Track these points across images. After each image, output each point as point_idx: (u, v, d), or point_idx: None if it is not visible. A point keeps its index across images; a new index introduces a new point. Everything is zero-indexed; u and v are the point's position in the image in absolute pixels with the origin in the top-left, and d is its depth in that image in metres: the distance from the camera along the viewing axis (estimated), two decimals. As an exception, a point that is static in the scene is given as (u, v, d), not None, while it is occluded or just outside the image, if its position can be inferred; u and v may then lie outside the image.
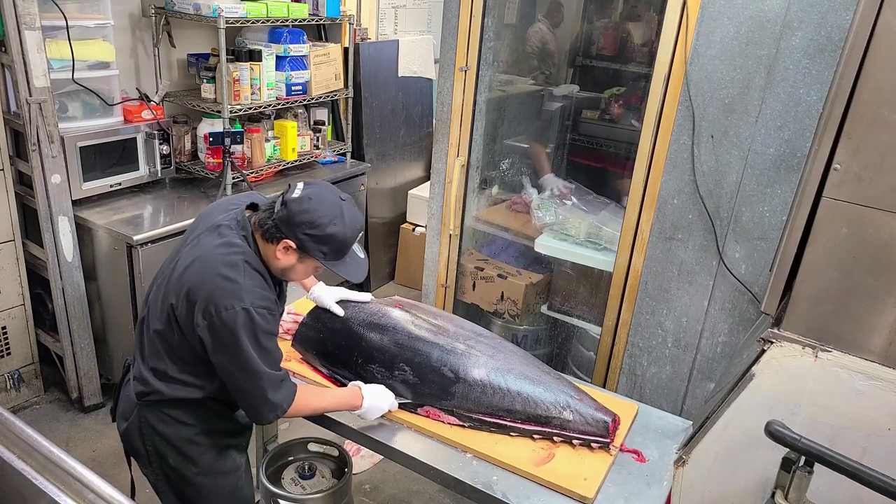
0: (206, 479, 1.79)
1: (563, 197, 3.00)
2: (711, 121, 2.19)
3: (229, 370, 1.61)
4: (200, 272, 1.60)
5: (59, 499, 1.05)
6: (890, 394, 1.46)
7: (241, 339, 1.56)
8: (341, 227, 1.62)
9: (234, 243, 1.63)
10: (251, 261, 1.62)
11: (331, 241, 1.62)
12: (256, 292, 1.59)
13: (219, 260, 1.60)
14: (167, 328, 1.66)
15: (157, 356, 1.69)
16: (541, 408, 1.80)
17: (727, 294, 2.32)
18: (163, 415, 1.72)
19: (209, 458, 1.78)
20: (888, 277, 1.42)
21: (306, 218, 1.59)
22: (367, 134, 4.27)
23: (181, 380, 1.69)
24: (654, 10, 2.88)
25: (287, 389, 1.67)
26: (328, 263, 1.66)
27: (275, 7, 3.35)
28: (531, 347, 3.23)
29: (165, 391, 1.69)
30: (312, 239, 1.61)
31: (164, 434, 1.73)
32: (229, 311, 1.55)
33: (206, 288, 1.57)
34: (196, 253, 1.64)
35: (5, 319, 2.97)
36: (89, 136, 2.91)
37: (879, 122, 1.36)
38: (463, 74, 2.69)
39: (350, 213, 1.65)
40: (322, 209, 1.61)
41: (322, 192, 1.64)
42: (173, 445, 1.74)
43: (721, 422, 1.64)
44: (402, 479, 2.92)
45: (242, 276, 1.58)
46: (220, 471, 1.81)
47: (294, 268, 1.68)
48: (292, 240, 1.61)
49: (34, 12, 2.57)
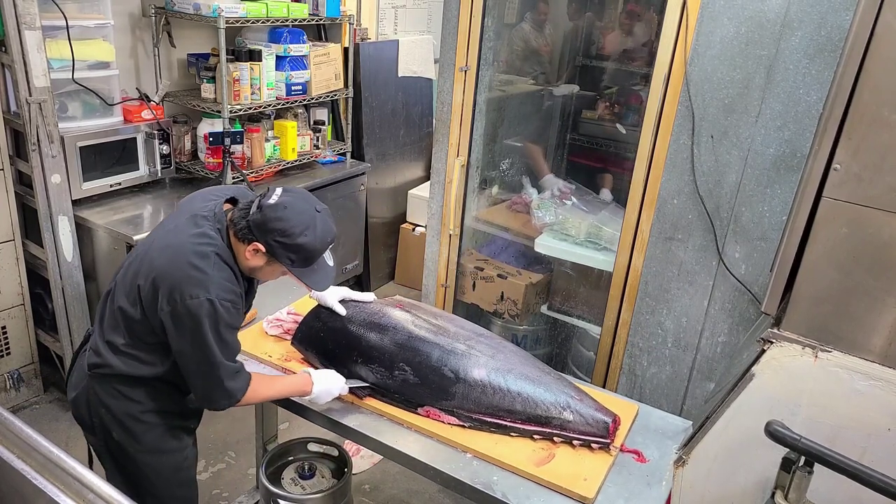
0: (149, 457, 1.81)
1: (563, 197, 3.00)
2: (711, 121, 2.19)
3: (187, 357, 1.65)
4: (171, 259, 1.63)
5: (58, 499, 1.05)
6: (890, 394, 1.46)
7: (203, 328, 1.60)
8: (312, 238, 1.65)
9: (208, 235, 1.67)
10: (222, 254, 1.66)
11: (300, 250, 1.65)
12: (223, 285, 1.63)
13: (190, 249, 1.63)
14: (131, 306, 1.69)
15: (115, 330, 1.72)
16: (541, 408, 1.80)
17: (727, 294, 2.32)
18: (111, 388, 1.75)
19: (153, 436, 1.80)
20: (888, 277, 1.42)
21: (279, 225, 1.62)
22: (367, 134, 4.27)
23: (134, 356, 1.72)
24: (654, 10, 2.88)
25: (242, 379, 1.71)
26: (295, 270, 1.70)
27: (275, 7, 3.35)
28: (531, 347, 3.23)
29: (117, 365, 1.72)
30: (282, 246, 1.64)
31: (109, 407, 1.75)
32: (194, 300, 1.59)
33: (174, 275, 1.61)
34: (170, 239, 1.68)
35: (5, 319, 2.97)
36: (89, 136, 2.91)
37: (879, 122, 1.35)
38: (463, 74, 2.69)
39: (323, 226, 1.68)
40: (295, 219, 1.63)
41: (298, 201, 1.67)
42: (118, 420, 1.76)
43: (721, 422, 1.64)
44: (402, 479, 2.92)
45: (212, 267, 1.62)
46: (163, 450, 1.83)
47: (262, 269, 1.72)
48: (262, 244, 1.65)
49: (34, 12, 2.57)
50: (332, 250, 1.78)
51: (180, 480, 1.90)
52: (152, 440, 1.80)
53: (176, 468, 1.88)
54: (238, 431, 3.14)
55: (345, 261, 4.18)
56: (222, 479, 2.86)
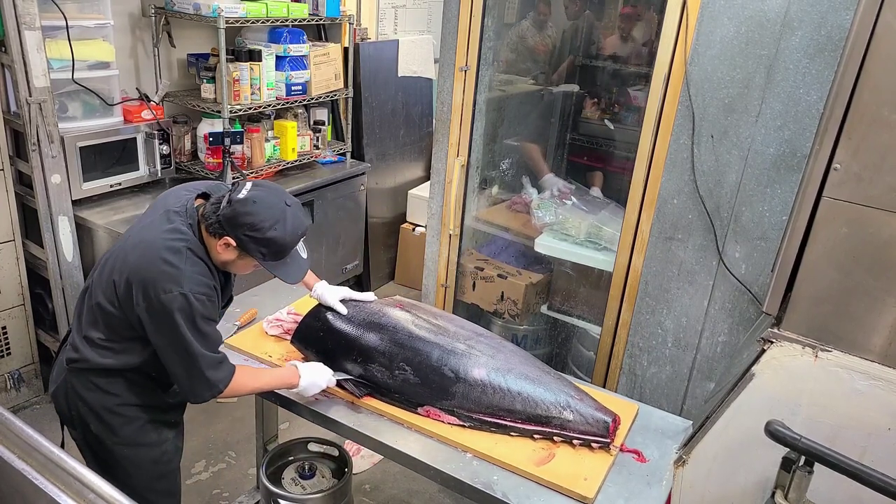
0: (126, 450, 1.83)
1: (563, 197, 3.00)
2: (711, 121, 2.19)
3: (167, 351, 1.68)
4: (144, 255, 1.66)
5: (59, 499, 1.05)
6: (890, 394, 1.46)
7: (178, 321, 1.62)
8: (282, 232, 1.67)
9: (180, 230, 1.69)
10: (194, 248, 1.68)
11: (270, 244, 1.67)
12: (196, 279, 1.65)
13: (162, 245, 1.66)
14: (108, 301, 1.71)
15: (93, 325, 1.75)
16: (541, 408, 1.80)
17: (727, 294, 2.32)
18: (88, 382, 1.77)
19: (131, 429, 1.82)
20: (888, 277, 1.42)
21: (248, 220, 1.64)
22: (367, 134, 4.27)
23: (111, 350, 1.74)
24: (654, 10, 2.88)
25: (224, 370, 1.73)
26: (266, 264, 1.72)
27: (275, 7, 3.35)
28: (531, 347, 3.23)
29: (94, 359, 1.74)
30: (252, 240, 1.66)
31: (86, 400, 1.78)
32: (168, 295, 1.61)
33: (147, 271, 1.64)
34: (143, 236, 1.71)
35: (5, 319, 2.97)
36: (89, 136, 2.91)
37: (879, 122, 1.36)
38: (463, 74, 2.69)
39: (293, 220, 1.70)
40: (265, 213, 1.65)
41: (268, 195, 1.69)
42: (95, 413, 1.78)
43: (721, 422, 1.64)
44: (402, 479, 2.92)
45: (184, 262, 1.64)
46: (141, 443, 1.85)
47: (234, 263, 1.74)
48: (233, 238, 1.67)
49: (34, 12, 2.57)
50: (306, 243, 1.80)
51: (160, 473, 1.91)
52: (130, 433, 1.82)
53: (154, 461, 1.89)
54: (238, 431, 3.14)
55: (345, 261, 4.18)
56: (222, 479, 2.86)
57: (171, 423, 1.93)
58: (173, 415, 1.95)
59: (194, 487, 2.81)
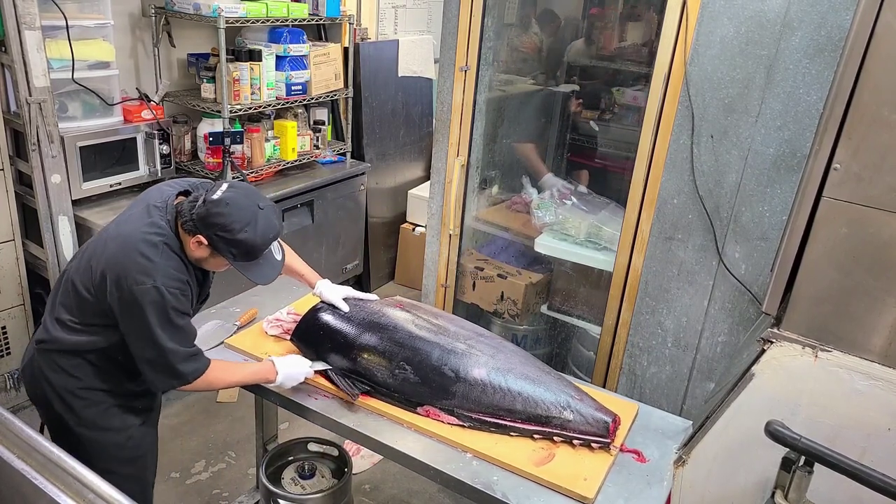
0: (87, 432, 1.85)
1: (563, 197, 3.00)
2: (711, 121, 2.19)
3: (136, 341, 1.72)
4: (121, 246, 1.71)
5: (59, 499, 1.05)
6: (890, 394, 1.46)
7: (148, 313, 1.67)
8: (252, 234, 1.70)
9: (158, 225, 1.74)
10: (170, 243, 1.73)
11: (240, 245, 1.71)
12: (170, 273, 1.70)
13: (140, 238, 1.71)
14: (83, 286, 1.76)
15: (66, 307, 1.80)
16: (541, 408, 1.80)
17: (727, 294, 2.32)
18: (53, 363, 1.81)
19: (92, 412, 1.84)
20: (888, 277, 1.42)
21: (220, 221, 1.68)
22: (367, 134, 4.27)
23: (81, 332, 1.78)
24: (654, 10, 2.88)
25: (197, 362, 1.77)
26: (237, 264, 1.76)
27: (275, 7, 3.35)
28: (531, 347, 3.23)
29: (61, 340, 1.79)
30: (223, 240, 1.70)
31: (51, 381, 1.82)
32: (140, 286, 1.66)
33: (122, 262, 1.69)
34: (123, 228, 1.76)
35: (5, 319, 2.97)
36: (89, 136, 2.91)
37: (879, 122, 1.36)
38: (463, 74, 2.69)
39: (265, 222, 1.73)
40: (236, 215, 1.69)
41: (241, 197, 1.72)
42: (58, 394, 1.82)
43: (721, 422, 1.64)
44: (402, 479, 2.92)
45: (159, 255, 1.69)
46: (104, 427, 1.87)
47: (207, 260, 1.78)
48: (205, 237, 1.71)
49: (34, 12, 2.57)
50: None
51: (124, 458, 1.93)
52: (91, 416, 1.84)
53: (119, 446, 1.91)
54: (238, 431, 3.14)
55: (345, 261, 4.18)
56: (222, 479, 2.86)
57: (138, 410, 1.94)
58: (140, 402, 1.95)
59: (194, 487, 2.81)
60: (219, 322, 2.25)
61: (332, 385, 1.95)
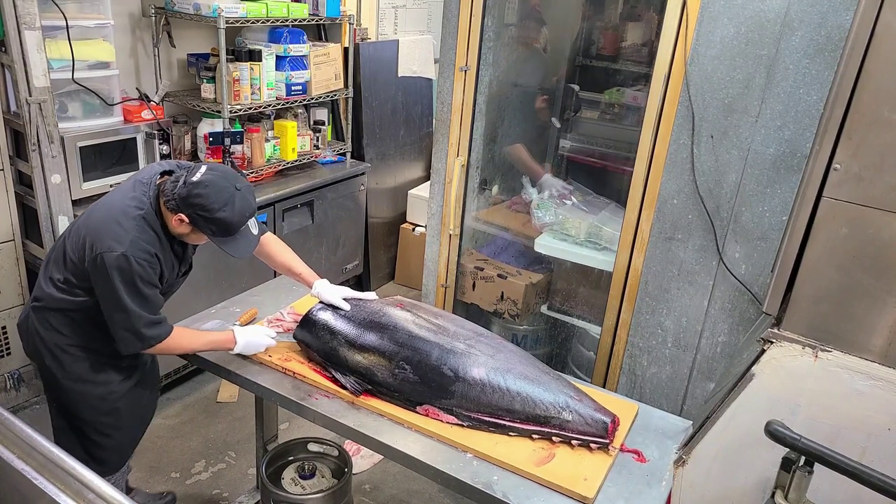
0: (74, 384, 2.02)
1: (563, 197, 3.00)
2: (711, 121, 2.19)
3: (105, 303, 1.88)
4: (103, 215, 1.89)
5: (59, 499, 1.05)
6: (890, 394, 1.46)
7: (114, 278, 1.82)
8: (230, 213, 1.85)
9: (140, 200, 1.89)
10: (148, 218, 1.88)
11: (219, 223, 1.86)
12: (140, 244, 1.84)
13: (120, 209, 1.88)
14: (72, 249, 1.92)
15: (58, 268, 1.96)
16: (540, 408, 1.80)
17: (727, 294, 2.32)
18: (45, 320, 1.98)
19: (79, 367, 2.01)
20: (888, 277, 1.42)
21: (199, 201, 1.83)
22: (367, 134, 4.27)
23: (68, 292, 1.94)
24: (654, 10, 2.88)
25: (160, 328, 1.92)
26: (216, 240, 1.91)
27: (275, 7, 3.35)
28: (531, 347, 3.23)
29: (51, 297, 1.95)
30: (203, 219, 1.85)
31: (42, 336, 1.99)
32: (110, 254, 1.81)
33: (100, 230, 1.85)
34: (110, 198, 1.95)
35: (5, 319, 2.97)
36: (89, 136, 2.91)
37: (879, 122, 1.36)
38: (463, 74, 2.69)
39: (241, 202, 1.87)
40: (215, 195, 1.83)
41: (219, 179, 1.86)
42: (48, 349, 1.99)
43: (721, 422, 1.64)
44: (402, 479, 2.92)
45: (134, 228, 1.85)
46: (88, 380, 2.03)
47: (188, 235, 1.95)
48: (186, 216, 1.86)
49: (34, 12, 2.57)
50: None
51: (106, 409, 2.08)
52: (78, 371, 2.01)
53: (101, 398, 2.06)
54: (238, 431, 3.14)
55: (345, 261, 4.18)
56: (222, 479, 2.86)
57: (121, 367, 2.08)
58: (125, 360, 2.08)
59: (194, 487, 2.81)
60: (219, 322, 2.25)
61: (334, 383, 1.96)
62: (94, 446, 2.11)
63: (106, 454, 2.14)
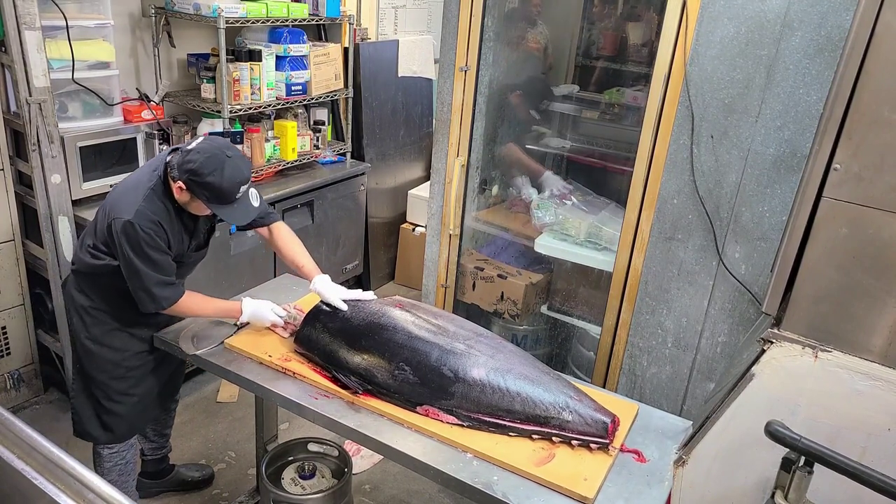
0: (92, 345, 2.19)
1: (563, 197, 3.00)
2: (711, 121, 2.19)
3: (123, 267, 2.03)
4: (123, 188, 2.09)
5: (59, 499, 1.05)
6: (890, 394, 1.46)
7: (123, 244, 1.98)
8: (219, 178, 1.95)
9: (152, 174, 2.05)
10: (157, 191, 2.03)
11: (209, 188, 1.96)
12: (146, 214, 1.98)
13: (134, 183, 2.07)
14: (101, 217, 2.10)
15: (90, 234, 2.15)
16: (540, 408, 1.80)
17: (727, 294, 2.32)
18: (77, 283, 2.18)
19: (98, 330, 2.18)
20: (888, 277, 1.42)
21: (190, 167, 1.96)
22: (367, 134, 4.27)
23: (97, 257, 2.10)
24: (654, 10, 2.88)
25: (172, 290, 2.06)
26: (212, 206, 2.01)
27: (275, 7, 3.35)
28: (531, 347, 3.23)
29: (84, 261, 2.13)
30: (195, 184, 1.97)
31: (73, 297, 2.19)
32: (118, 221, 1.97)
33: (116, 200, 2.04)
34: (133, 174, 2.17)
35: (5, 319, 2.97)
36: (89, 136, 2.91)
37: (879, 122, 1.36)
38: (463, 74, 2.69)
39: (232, 168, 1.97)
40: (205, 162, 1.95)
41: (211, 146, 1.99)
42: (76, 309, 2.19)
43: (721, 422, 1.64)
44: (402, 479, 2.92)
45: (143, 199, 2.00)
46: (106, 344, 2.19)
47: (190, 204, 2.06)
48: (183, 182, 1.99)
49: (34, 12, 2.57)
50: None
51: (118, 375, 2.22)
52: (98, 333, 2.18)
53: (115, 363, 2.21)
54: (238, 431, 3.14)
55: (345, 261, 4.18)
56: (222, 479, 2.86)
57: (139, 338, 2.23)
58: (140, 330, 2.22)
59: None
60: (219, 322, 2.25)
61: (334, 383, 1.96)
62: (104, 412, 2.25)
63: (114, 421, 2.26)
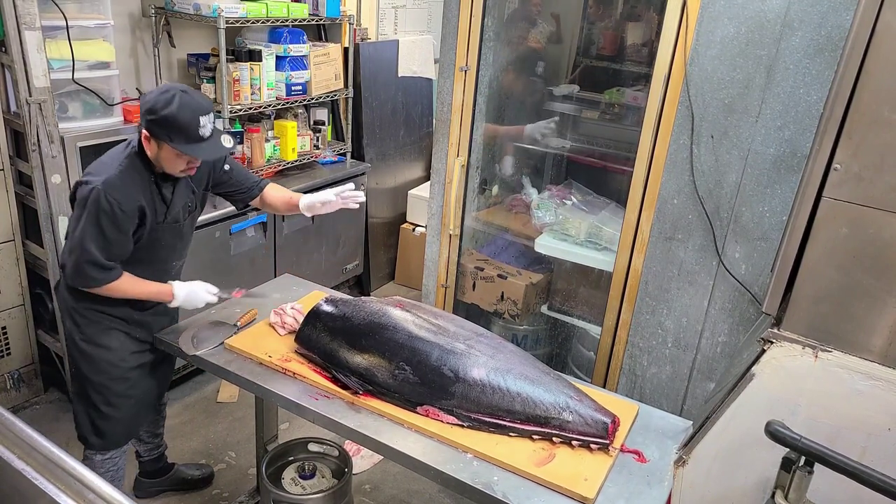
0: (87, 346, 2.15)
1: (563, 197, 3.00)
2: (711, 121, 2.19)
3: (69, 229, 2.00)
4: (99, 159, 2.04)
5: (59, 499, 1.05)
6: (890, 394, 1.46)
7: (83, 210, 1.92)
8: (175, 110, 1.88)
9: (128, 147, 2.02)
10: (132, 156, 1.99)
11: (168, 123, 1.89)
12: (116, 183, 1.93)
13: (110, 154, 2.04)
14: None
15: None
16: (540, 408, 1.80)
17: (727, 294, 2.32)
18: (66, 284, 2.11)
19: (92, 330, 2.14)
20: (888, 277, 1.42)
21: (146, 106, 1.91)
22: (367, 134, 4.27)
23: None
24: (654, 10, 2.88)
25: (104, 274, 1.99)
26: (179, 146, 1.92)
27: (275, 7, 3.35)
28: (531, 347, 3.23)
29: None
30: (154, 124, 1.90)
31: (65, 299, 2.14)
32: (84, 186, 1.93)
33: (90, 168, 2.02)
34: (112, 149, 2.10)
35: (5, 319, 2.97)
36: (89, 136, 2.91)
37: (879, 122, 1.36)
38: (463, 74, 2.69)
39: (186, 99, 1.91)
40: (158, 97, 1.90)
41: (167, 87, 1.95)
42: (69, 310, 2.14)
43: (721, 422, 1.64)
44: (402, 479, 2.92)
45: (117, 167, 1.95)
46: (100, 343, 2.15)
47: (160, 156, 1.97)
48: (145, 129, 1.93)
49: (34, 12, 2.57)
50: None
51: (114, 375, 2.18)
52: (92, 333, 2.14)
53: (110, 363, 2.17)
54: (238, 431, 3.14)
55: (345, 261, 4.18)
56: (222, 479, 2.86)
57: (135, 338, 2.20)
58: (135, 330, 2.20)
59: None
60: (219, 322, 2.25)
61: (334, 383, 1.96)
62: (100, 416, 2.21)
63: (109, 426, 2.23)
